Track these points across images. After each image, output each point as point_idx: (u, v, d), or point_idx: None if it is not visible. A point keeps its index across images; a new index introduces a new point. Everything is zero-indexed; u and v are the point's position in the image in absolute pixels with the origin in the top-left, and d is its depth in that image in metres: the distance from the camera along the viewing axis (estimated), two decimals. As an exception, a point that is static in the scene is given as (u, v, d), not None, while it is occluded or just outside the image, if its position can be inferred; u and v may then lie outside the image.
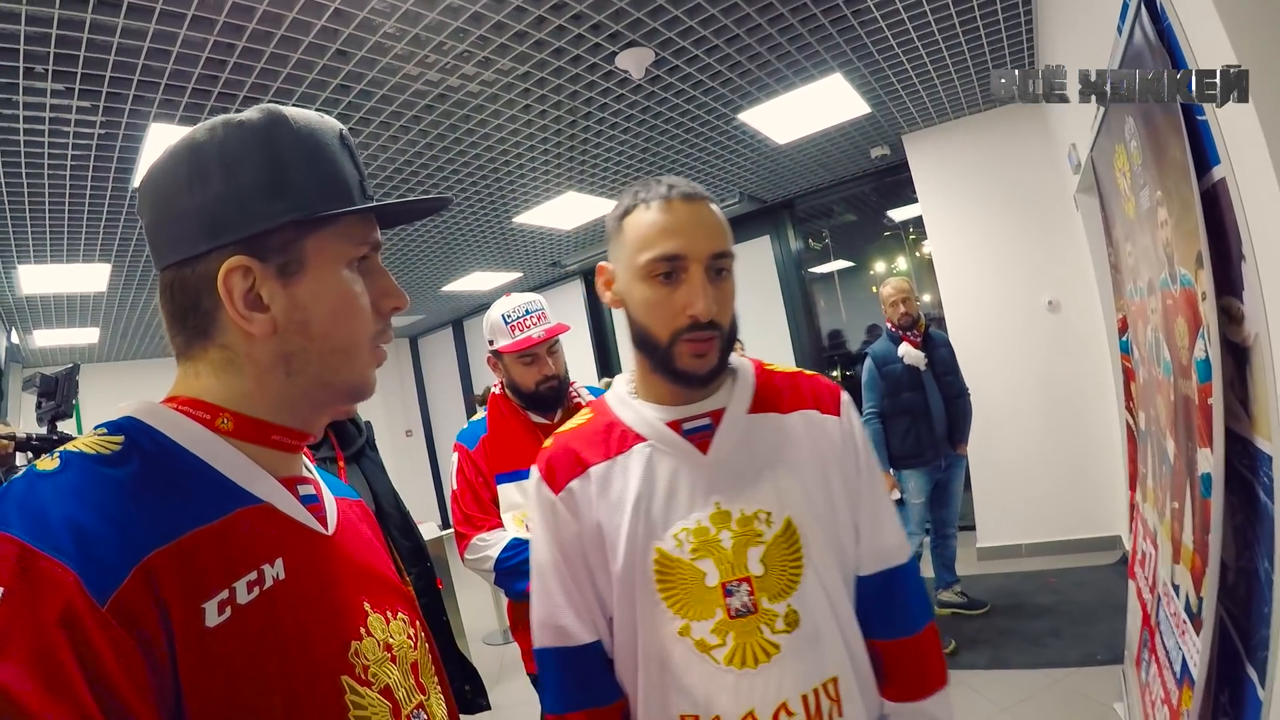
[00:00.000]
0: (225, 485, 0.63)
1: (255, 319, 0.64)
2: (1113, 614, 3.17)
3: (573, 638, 1.01)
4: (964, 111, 4.78)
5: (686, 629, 0.95)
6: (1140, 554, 2.18)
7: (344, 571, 0.70)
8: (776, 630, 0.94)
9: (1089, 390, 4.42)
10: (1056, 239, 4.51)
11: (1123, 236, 2.10)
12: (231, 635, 0.55)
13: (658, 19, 2.89)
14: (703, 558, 0.96)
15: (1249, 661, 1.25)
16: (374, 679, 0.66)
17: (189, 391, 0.67)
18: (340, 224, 0.68)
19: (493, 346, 1.94)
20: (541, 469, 1.08)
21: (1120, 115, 1.75)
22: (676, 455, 1.01)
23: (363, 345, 0.70)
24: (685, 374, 0.98)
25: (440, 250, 5.89)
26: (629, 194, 1.03)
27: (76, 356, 7.06)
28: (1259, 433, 1.22)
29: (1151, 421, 1.96)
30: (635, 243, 0.99)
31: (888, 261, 7.75)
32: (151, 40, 2.35)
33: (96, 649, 0.46)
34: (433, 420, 10.38)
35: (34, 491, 0.52)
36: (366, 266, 0.72)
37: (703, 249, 0.96)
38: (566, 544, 1.03)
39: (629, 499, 1.00)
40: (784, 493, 0.99)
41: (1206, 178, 1.27)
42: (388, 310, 0.73)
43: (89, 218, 3.73)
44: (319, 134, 0.68)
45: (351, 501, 0.84)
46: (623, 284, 1.03)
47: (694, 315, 0.95)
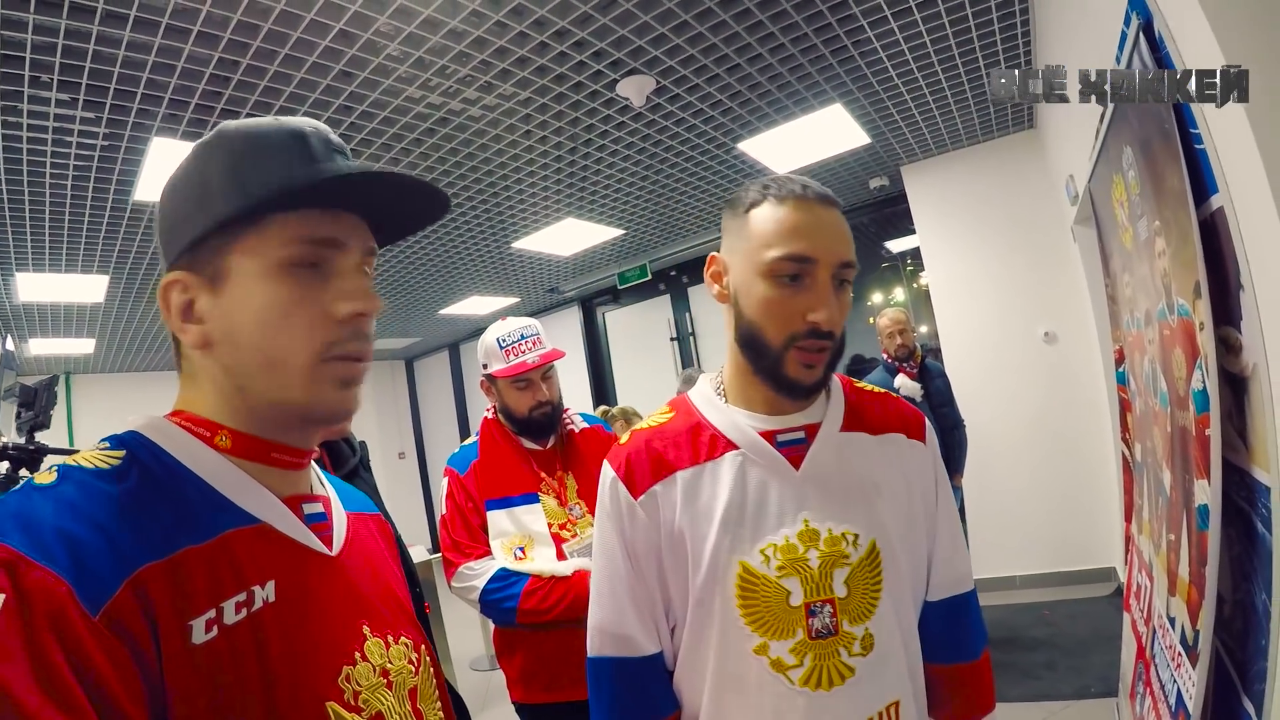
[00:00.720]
0: (222, 504, 0.63)
1: (189, 330, 0.65)
2: (1107, 646, 3.15)
3: (636, 648, 0.98)
4: (962, 143, 4.84)
5: (764, 647, 0.92)
6: (1136, 586, 2.16)
7: (343, 594, 0.69)
8: (854, 654, 0.92)
9: (1084, 422, 4.42)
10: (1053, 271, 4.54)
11: (1120, 267, 2.11)
12: (216, 654, 0.55)
13: (659, 47, 2.93)
14: (788, 576, 0.93)
15: (1245, 694, 1.23)
16: (365, 705, 0.65)
17: (186, 404, 0.68)
18: (271, 224, 0.64)
19: (486, 370, 1.91)
20: (618, 468, 1.02)
21: (1118, 145, 1.77)
22: (767, 467, 0.97)
23: (299, 358, 0.64)
24: (791, 383, 0.95)
25: (438, 274, 5.90)
26: (755, 186, 0.98)
27: (71, 366, 7.04)
28: (1257, 464, 1.21)
29: (1148, 453, 1.95)
30: (762, 237, 0.93)
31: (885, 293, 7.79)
32: (157, 54, 2.37)
33: (91, 656, 0.48)
34: (426, 443, 10.34)
35: (30, 503, 0.53)
36: (331, 269, 0.66)
37: (833, 255, 0.92)
38: (640, 550, 0.99)
39: (718, 509, 0.95)
40: (872, 515, 0.96)
41: (1205, 207, 1.28)
42: (345, 316, 0.65)
43: (89, 229, 3.74)
44: (257, 136, 0.66)
45: (369, 516, 0.83)
46: (739, 278, 0.98)
47: (815, 322, 0.91)
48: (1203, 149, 1.25)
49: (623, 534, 0.99)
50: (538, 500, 1.86)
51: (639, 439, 1.04)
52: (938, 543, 1.04)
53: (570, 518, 1.87)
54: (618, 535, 1.00)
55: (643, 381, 7.56)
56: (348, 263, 0.67)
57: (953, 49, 3.35)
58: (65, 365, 6.95)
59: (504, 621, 1.74)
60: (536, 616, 1.68)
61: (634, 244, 6.09)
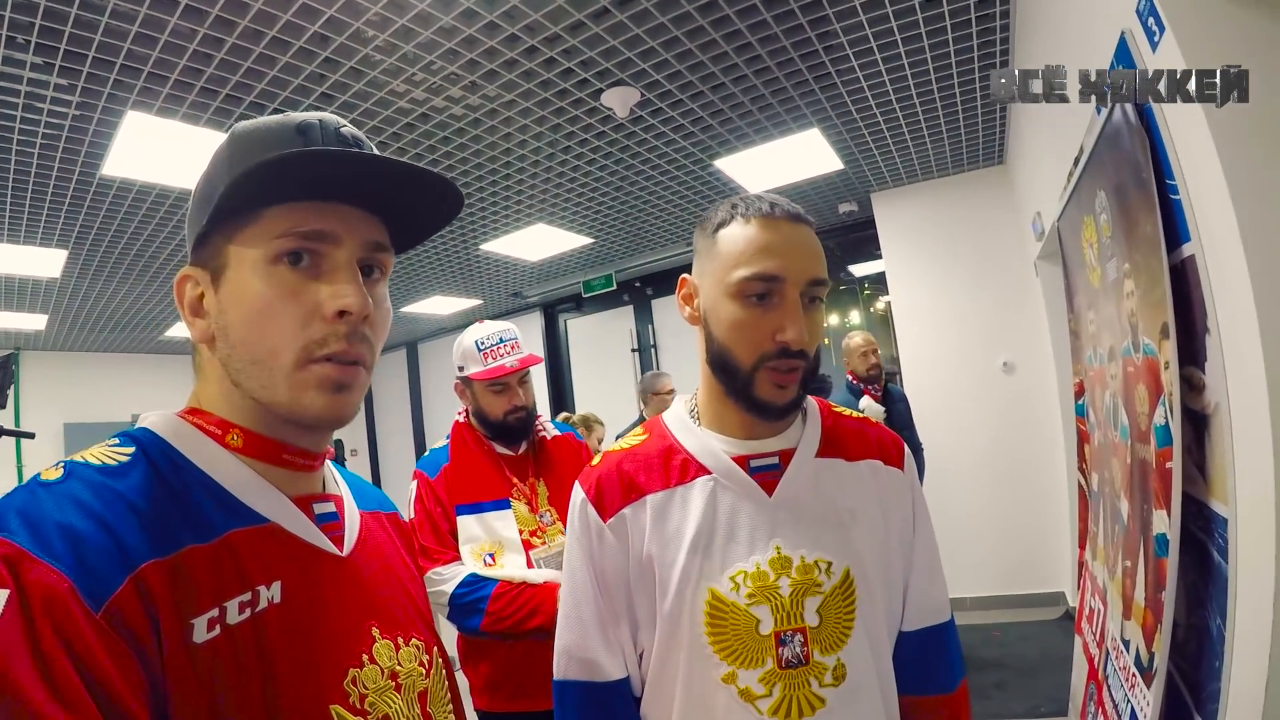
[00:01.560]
0: (231, 504, 0.62)
1: (195, 324, 0.66)
2: (1056, 667, 3.22)
3: (602, 672, 0.96)
4: (933, 174, 4.97)
5: (732, 676, 0.89)
6: (1088, 609, 2.23)
7: (353, 595, 0.69)
8: (824, 684, 0.90)
9: (1038, 450, 4.55)
10: (1015, 302, 4.67)
11: (1085, 304, 2.18)
12: (218, 654, 0.55)
13: (647, 60, 2.96)
14: (759, 604, 0.90)
15: (1198, 713, 1.29)
16: (371, 708, 0.64)
17: (199, 401, 0.68)
18: (264, 218, 0.62)
19: (462, 373, 1.89)
20: (588, 490, 1.01)
21: (1092, 188, 1.84)
22: (739, 493, 0.95)
23: (283, 357, 0.62)
24: (763, 404, 0.93)
25: (401, 271, 5.85)
26: (724, 206, 0.97)
27: (21, 342, 6.79)
28: (1215, 496, 1.27)
29: (1105, 483, 2.02)
30: (729, 257, 0.92)
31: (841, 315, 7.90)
32: (140, 25, 2.31)
33: (93, 652, 0.47)
34: (379, 441, 10.17)
35: (34, 499, 0.53)
36: (324, 265, 0.64)
37: (802, 273, 0.90)
38: (609, 574, 0.97)
39: (687, 534, 0.93)
40: (846, 543, 0.95)
41: (1176, 253, 1.34)
42: (330, 313, 0.62)
43: (52, 200, 3.61)
44: (262, 133, 0.65)
45: (384, 515, 0.83)
46: (708, 300, 0.96)
47: (785, 341, 0.89)
48: (1177, 199, 1.31)
49: (591, 557, 0.98)
50: (509, 506, 1.84)
51: (610, 461, 1.02)
52: (914, 571, 1.02)
53: (540, 524, 1.86)
54: (585, 559, 0.98)
55: (603, 390, 7.56)
56: (340, 257, 0.64)
57: (932, 81, 3.45)
58: (15, 341, 6.70)
59: (470, 628, 1.72)
60: (502, 622, 1.66)
61: (601, 253, 6.11)
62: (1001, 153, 4.64)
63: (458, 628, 1.81)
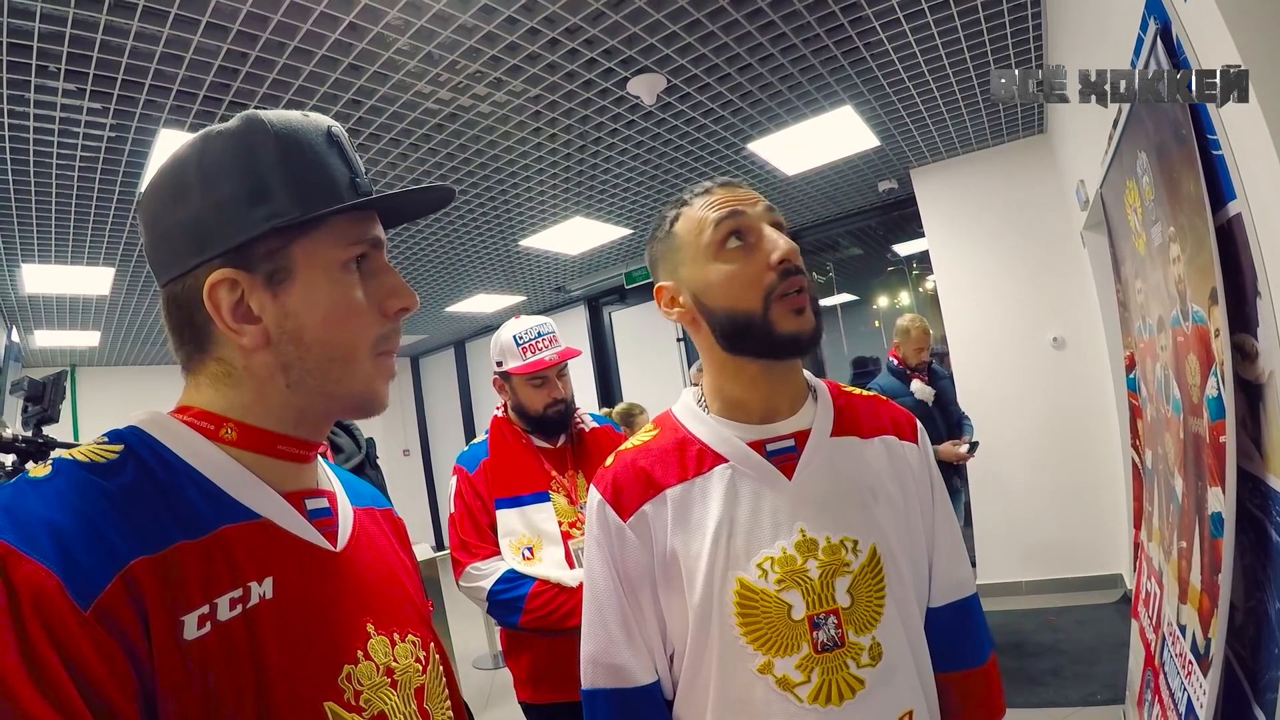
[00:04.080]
0: (221, 500, 0.62)
1: (246, 331, 0.64)
2: (1113, 653, 3.14)
3: (631, 678, 0.94)
4: (972, 146, 4.82)
5: (768, 665, 0.88)
6: (1145, 593, 2.14)
7: (347, 591, 0.69)
8: (862, 665, 0.89)
9: (1092, 427, 4.41)
10: (1062, 275, 4.52)
11: (1132, 273, 2.09)
12: (209, 650, 0.55)
13: (671, 46, 2.92)
14: (789, 589, 0.89)
15: (1257, 703, 1.22)
16: (366, 705, 0.64)
17: (194, 403, 0.67)
18: (329, 225, 0.66)
19: (501, 368, 1.91)
20: (604, 491, 0.99)
21: (1132, 150, 1.75)
22: (759, 478, 0.94)
23: (363, 352, 0.68)
24: (790, 338, 0.91)
25: (445, 271, 5.90)
26: (667, 211, 1.03)
27: (76, 359, 7.05)
28: (1273, 471, 1.20)
29: (1159, 460, 1.94)
30: (693, 231, 0.97)
31: (891, 296, 7.76)
32: (165, 45, 2.36)
33: (81, 650, 0.48)
34: (431, 441, 10.35)
35: (22, 497, 0.53)
36: (370, 266, 0.69)
37: (758, 205, 0.97)
38: (633, 575, 0.95)
39: (709, 525, 0.92)
40: (869, 520, 0.94)
41: (1221, 213, 1.26)
42: (393, 311, 0.70)
43: (95, 220, 3.73)
44: (300, 133, 0.66)
45: (378, 511, 0.83)
46: (692, 283, 0.98)
47: (781, 259, 0.91)
48: (1220, 155, 1.23)
49: (611, 560, 0.96)
50: (549, 499, 1.86)
51: (624, 459, 1.01)
52: (937, 547, 1.02)
53: (580, 516, 1.87)
54: (606, 562, 0.97)
55: (649, 381, 7.56)
56: (382, 259, 0.71)
57: (964, 52, 3.33)
58: (70, 358, 6.96)
59: (509, 623, 1.74)
60: (540, 621, 1.68)
61: (641, 244, 6.07)
62: (1042, 121, 4.47)
63: (498, 623, 1.82)
